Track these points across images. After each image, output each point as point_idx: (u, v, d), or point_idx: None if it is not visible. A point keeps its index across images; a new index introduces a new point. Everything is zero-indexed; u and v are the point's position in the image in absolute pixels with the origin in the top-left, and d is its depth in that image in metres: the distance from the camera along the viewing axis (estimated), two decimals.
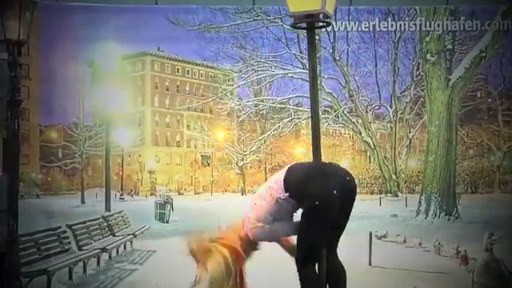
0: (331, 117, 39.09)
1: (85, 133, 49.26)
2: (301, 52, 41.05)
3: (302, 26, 3.79)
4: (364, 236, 8.63)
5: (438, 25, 15.89)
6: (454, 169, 18.09)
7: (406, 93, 44.04)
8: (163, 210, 19.42)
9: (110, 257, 9.12)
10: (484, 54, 16.65)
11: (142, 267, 8.62)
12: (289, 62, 42.77)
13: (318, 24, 3.76)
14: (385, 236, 10.98)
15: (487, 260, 5.91)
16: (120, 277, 7.99)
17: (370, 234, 8.29)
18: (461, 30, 18.37)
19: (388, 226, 13.22)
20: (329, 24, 3.88)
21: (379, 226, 12.99)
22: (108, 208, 12.89)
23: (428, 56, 17.01)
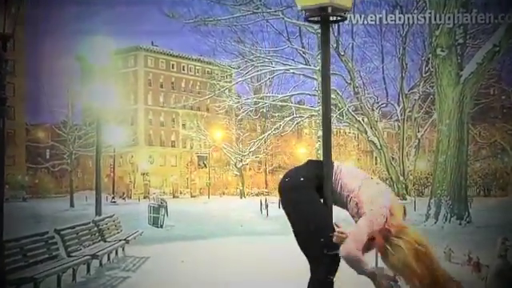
0: (335, 115, 38.93)
1: (74, 132, 49.09)
2: (303, 46, 40.89)
3: (315, 20, 3.77)
4: None
5: (449, 18, 15.85)
6: (466, 170, 18.12)
7: (415, 90, 43.86)
8: (157, 214, 19.50)
9: (101, 264, 9.12)
10: (497, 49, 16.65)
11: (135, 275, 8.62)
12: (290, 58, 42.28)
13: (333, 18, 3.73)
14: None
15: (501, 267, 5.90)
16: (111, 285, 7.99)
17: None
18: (473, 23, 18.42)
19: None
20: (344, 18, 3.87)
21: None
22: (99, 212, 12.86)
23: (438, 51, 16.98)
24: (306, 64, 34.25)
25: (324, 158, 3.67)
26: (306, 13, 3.81)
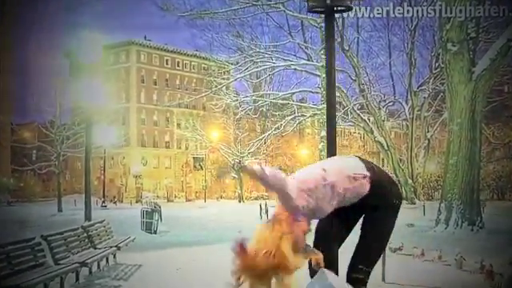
0: (340, 114, 38.91)
1: (62, 132, 49.14)
2: (305, 41, 40.94)
3: (319, 11, 3.78)
4: None
5: (460, 10, 15.85)
6: (478, 173, 18.13)
7: (424, 87, 43.91)
8: (150, 219, 19.52)
9: (91, 272, 9.13)
10: None
11: (127, 283, 8.62)
12: (292, 53, 42.28)
13: (338, 8, 3.74)
14: (400, 248, 10.99)
15: None
16: None
17: None
18: (486, 17, 18.41)
19: (403, 238, 13.19)
20: (350, 8, 3.89)
21: (393, 237, 12.95)
22: (88, 217, 12.89)
23: (449, 45, 17.00)
24: (309, 59, 34.27)
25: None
26: (309, 3, 3.82)
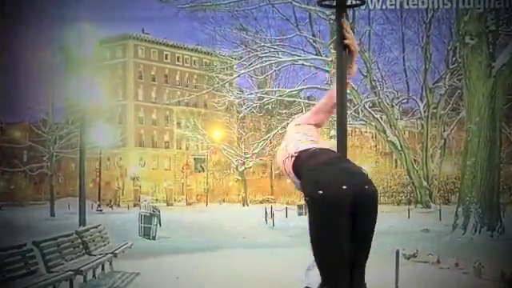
0: (350, 112, 38.92)
1: (55, 132, 49.30)
2: (313, 35, 40.95)
3: (329, 4, 3.77)
4: (389, 255, 8.61)
5: (479, 1, 15.79)
6: (498, 174, 18.06)
7: (440, 83, 43.78)
8: (149, 224, 19.55)
9: (85, 280, 9.14)
10: None
11: None
12: (299, 47, 42.26)
13: (350, 2, 3.73)
14: (414, 255, 10.98)
15: None
16: None
17: (397, 253, 8.26)
18: (506, 8, 18.34)
19: (418, 244, 13.19)
20: (363, 2, 3.89)
21: (408, 243, 13.01)
22: (83, 221, 12.91)
23: (467, 39, 16.95)
24: (317, 54, 34.26)
25: None
26: None
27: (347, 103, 3.95)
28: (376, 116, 35.42)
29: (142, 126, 74.29)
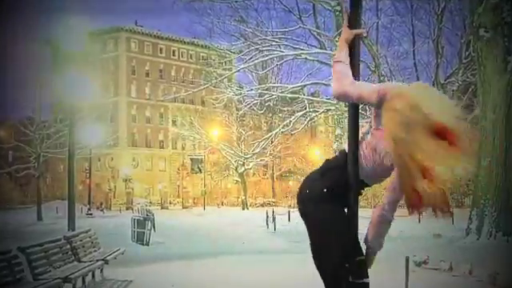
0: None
1: (42, 130, 49.47)
2: (318, 27, 41.06)
3: None
4: (399, 262, 8.61)
5: None
6: None
7: (453, 79, 43.90)
8: (142, 229, 19.57)
9: None
10: None
11: None
12: (302, 40, 42.19)
13: None
14: (425, 262, 10.98)
15: None
16: None
17: (407, 260, 8.26)
18: None
19: (430, 250, 13.19)
20: None
21: (418, 250, 13.02)
22: (72, 226, 12.90)
23: (481, 31, 16.95)
24: (322, 48, 34.22)
25: (349, 166, 3.57)
26: None
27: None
28: None
29: (135, 125, 74.32)
